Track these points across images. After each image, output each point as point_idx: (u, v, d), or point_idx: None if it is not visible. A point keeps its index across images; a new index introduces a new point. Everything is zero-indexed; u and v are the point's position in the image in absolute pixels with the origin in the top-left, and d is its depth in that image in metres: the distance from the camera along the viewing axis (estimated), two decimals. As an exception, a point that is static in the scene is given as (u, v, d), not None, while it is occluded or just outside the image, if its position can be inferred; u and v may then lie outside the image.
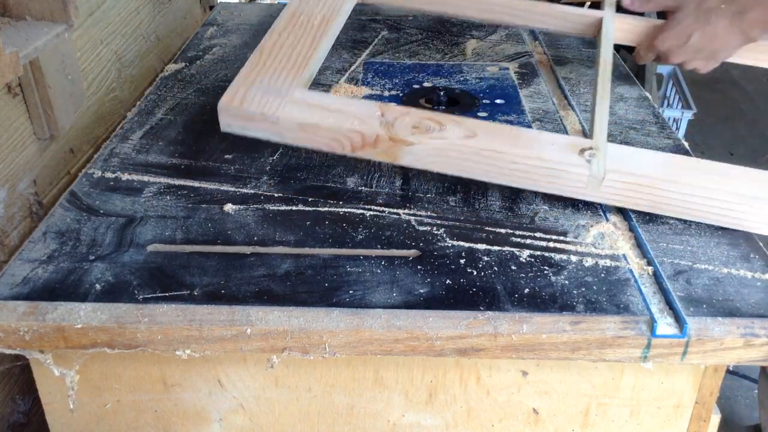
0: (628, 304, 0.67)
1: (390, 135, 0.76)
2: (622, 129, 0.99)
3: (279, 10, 1.52)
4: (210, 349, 0.66)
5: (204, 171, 0.90)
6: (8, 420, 0.84)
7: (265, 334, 0.65)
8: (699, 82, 2.84)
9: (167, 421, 0.75)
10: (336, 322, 0.65)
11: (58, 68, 0.92)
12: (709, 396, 0.73)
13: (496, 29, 1.41)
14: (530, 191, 0.84)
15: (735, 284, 0.70)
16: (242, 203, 0.83)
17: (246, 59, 0.85)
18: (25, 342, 0.66)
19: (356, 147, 0.78)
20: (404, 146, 0.76)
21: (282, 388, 0.73)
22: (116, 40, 1.17)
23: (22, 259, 0.73)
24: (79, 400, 0.73)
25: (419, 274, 0.71)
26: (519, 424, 0.75)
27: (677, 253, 0.74)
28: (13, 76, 0.79)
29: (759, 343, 0.65)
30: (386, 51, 1.30)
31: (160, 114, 1.05)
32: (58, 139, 0.97)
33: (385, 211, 0.81)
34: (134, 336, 0.65)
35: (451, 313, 0.66)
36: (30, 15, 0.90)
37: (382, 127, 0.77)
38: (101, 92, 1.11)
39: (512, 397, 0.73)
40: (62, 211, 0.81)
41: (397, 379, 0.72)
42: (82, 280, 0.70)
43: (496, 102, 1.09)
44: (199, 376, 0.72)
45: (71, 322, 0.65)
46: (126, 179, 0.88)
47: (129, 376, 0.72)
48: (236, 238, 0.76)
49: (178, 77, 1.18)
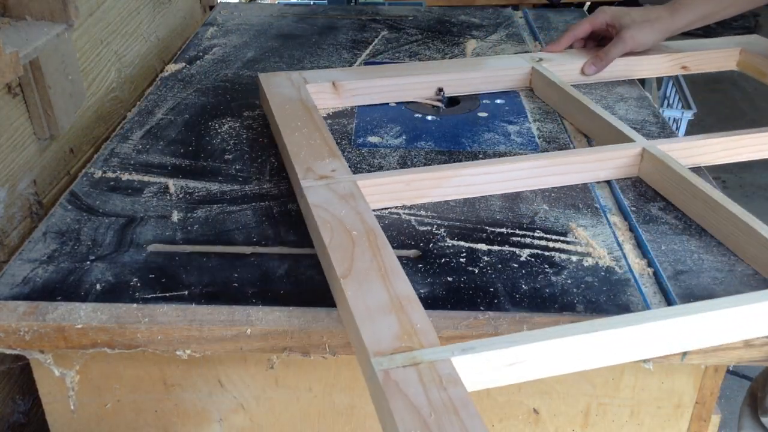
0: (628, 304, 0.67)
1: None
2: (622, 129, 0.99)
3: (279, 10, 1.53)
4: (210, 349, 0.66)
5: (204, 171, 0.90)
6: (8, 420, 0.84)
7: (265, 334, 0.65)
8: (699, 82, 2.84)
9: (167, 421, 0.75)
10: (336, 322, 0.65)
11: (58, 68, 0.92)
12: (709, 396, 0.73)
13: (497, 29, 1.41)
14: (530, 191, 0.84)
15: (735, 284, 0.70)
16: (242, 203, 0.83)
17: (246, 59, 0.84)
18: (25, 342, 0.66)
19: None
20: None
21: (282, 388, 0.73)
22: (116, 40, 1.17)
23: (22, 259, 0.73)
24: (79, 400, 0.73)
25: (419, 274, 0.71)
26: (519, 424, 0.75)
27: (677, 253, 0.74)
28: (13, 76, 0.79)
29: (759, 343, 0.65)
30: (386, 51, 1.30)
31: (160, 114, 1.05)
32: (58, 139, 0.97)
33: (385, 211, 0.81)
34: (134, 336, 0.65)
35: (451, 313, 0.66)
36: (30, 15, 0.90)
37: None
38: (101, 92, 1.11)
39: (512, 397, 0.73)
40: (62, 211, 0.81)
41: (398, 379, 0.72)
42: (83, 280, 0.70)
43: (497, 102, 1.08)
44: (199, 376, 0.72)
45: (71, 322, 0.65)
46: (126, 179, 0.88)
47: (129, 376, 0.72)
48: (236, 238, 0.76)
49: (178, 77, 1.18)
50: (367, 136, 0.98)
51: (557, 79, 1.05)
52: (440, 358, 0.55)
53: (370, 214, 0.72)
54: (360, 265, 0.65)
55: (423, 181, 0.81)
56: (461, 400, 0.52)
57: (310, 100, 0.98)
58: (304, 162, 0.82)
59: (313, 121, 0.91)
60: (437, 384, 0.53)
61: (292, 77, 1.05)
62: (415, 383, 0.53)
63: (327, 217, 0.72)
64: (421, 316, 0.60)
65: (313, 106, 0.96)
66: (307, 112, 0.94)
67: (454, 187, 0.82)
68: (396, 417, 0.50)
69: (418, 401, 0.51)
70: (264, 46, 1.32)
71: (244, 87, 1.14)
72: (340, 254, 0.66)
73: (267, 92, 1.00)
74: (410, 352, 0.56)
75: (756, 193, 2.61)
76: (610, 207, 0.82)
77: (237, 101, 1.09)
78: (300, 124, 0.90)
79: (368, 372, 0.56)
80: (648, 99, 1.09)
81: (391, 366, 0.54)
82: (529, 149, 0.94)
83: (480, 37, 1.36)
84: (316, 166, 0.81)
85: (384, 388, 0.52)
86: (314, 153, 0.84)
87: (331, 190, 0.76)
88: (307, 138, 0.87)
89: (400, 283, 0.63)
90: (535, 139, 0.97)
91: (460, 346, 0.56)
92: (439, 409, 0.51)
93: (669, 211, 0.81)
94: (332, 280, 0.66)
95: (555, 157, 0.85)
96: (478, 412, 0.51)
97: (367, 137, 0.97)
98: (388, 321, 0.59)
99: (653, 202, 0.83)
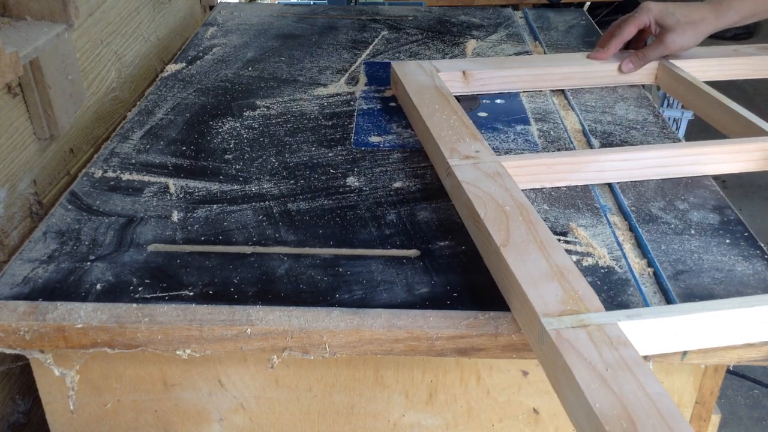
0: (628, 304, 0.67)
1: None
2: (623, 129, 1.00)
3: (279, 10, 1.53)
4: (210, 349, 0.66)
5: (204, 171, 0.90)
6: (8, 420, 0.84)
7: (265, 333, 0.65)
8: (699, 82, 2.83)
9: (167, 421, 0.75)
10: (336, 322, 0.65)
11: (58, 68, 0.92)
12: (709, 396, 0.73)
13: (497, 29, 1.41)
14: (530, 190, 0.84)
15: (735, 284, 0.70)
16: (242, 203, 0.83)
17: (246, 59, 0.84)
18: (25, 342, 0.66)
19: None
20: None
21: (282, 388, 0.73)
22: (116, 40, 1.17)
23: (22, 259, 0.73)
24: (79, 400, 0.73)
25: (419, 274, 0.71)
26: (519, 424, 0.75)
27: (677, 253, 0.74)
28: (13, 76, 0.79)
29: (759, 343, 0.65)
30: (386, 51, 1.30)
31: (160, 114, 1.05)
32: (58, 139, 0.97)
33: (385, 211, 0.81)
34: (134, 336, 0.65)
35: (451, 313, 0.66)
36: (30, 15, 0.90)
37: None
38: (101, 92, 1.11)
39: (512, 397, 0.73)
40: (62, 211, 0.81)
41: (398, 378, 0.72)
42: (83, 280, 0.70)
43: (497, 102, 1.09)
44: (199, 375, 0.72)
45: (71, 322, 0.65)
46: (126, 179, 0.88)
47: (129, 376, 0.72)
48: (236, 238, 0.76)
49: (178, 77, 1.18)
50: (368, 136, 0.98)
51: (687, 75, 1.07)
52: (608, 322, 0.58)
53: (519, 191, 0.76)
54: (517, 236, 0.68)
55: (564, 165, 0.84)
56: (634, 360, 0.54)
57: (445, 87, 1.03)
58: (448, 143, 0.86)
59: (451, 107, 0.96)
60: (608, 344, 0.55)
61: (423, 66, 1.10)
62: (586, 342, 0.55)
63: (479, 193, 0.75)
64: (582, 284, 0.62)
65: (448, 92, 1.01)
66: (443, 98, 0.99)
67: (594, 173, 0.85)
68: (574, 371, 0.52)
69: (592, 358, 0.53)
70: (264, 46, 1.32)
71: (244, 87, 1.14)
72: (496, 226, 0.70)
73: (402, 80, 1.05)
74: (577, 315, 0.58)
75: (756, 193, 2.61)
76: (610, 207, 0.82)
77: (237, 101, 1.09)
78: (438, 108, 0.95)
79: (538, 333, 0.58)
80: (648, 99, 1.09)
81: (561, 326, 0.57)
82: (529, 149, 0.94)
83: (480, 37, 1.36)
84: (460, 147, 0.85)
85: (558, 346, 0.55)
86: (456, 135, 0.88)
87: (478, 169, 0.80)
88: (446, 121, 0.92)
89: (557, 253, 0.66)
90: (535, 140, 0.97)
91: (625, 312, 0.60)
92: (614, 365, 0.53)
93: (669, 210, 0.81)
94: (489, 251, 0.69)
95: (691, 147, 0.87)
96: (652, 372, 0.53)
97: (368, 137, 0.98)
98: (552, 287, 0.62)
99: (653, 202, 0.83)
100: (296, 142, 0.97)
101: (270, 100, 1.09)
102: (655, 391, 0.51)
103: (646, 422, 0.48)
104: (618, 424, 0.48)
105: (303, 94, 1.12)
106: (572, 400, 0.53)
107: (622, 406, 0.50)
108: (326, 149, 0.95)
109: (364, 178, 0.88)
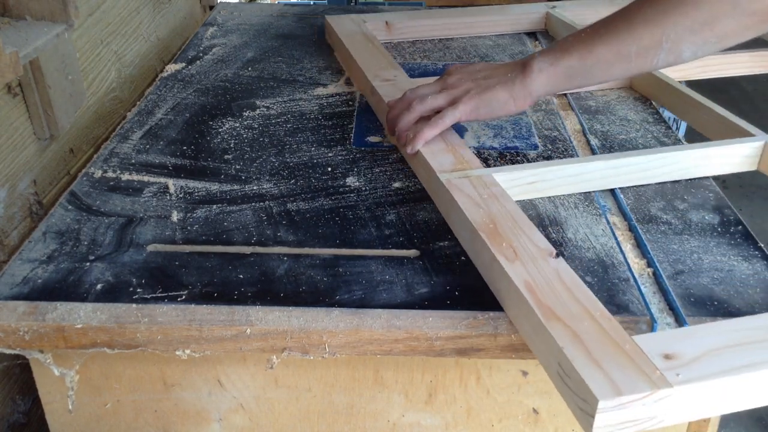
0: (628, 304, 0.67)
1: None
2: (623, 129, 1.00)
3: (279, 10, 1.53)
4: (210, 349, 0.66)
5: (204, 171, 0.90)
6: (8, 420, 0.84)
7: (265, 334, 0.65)
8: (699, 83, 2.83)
9: (167, 421, 0.75)
10: (336, 322, 0.65)
11: (58, 68, 0.92)
12: (708, 396, 0.73)
13: (496, 29, 1.41)
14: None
15: (735, 284, 0.70)
16: (242, 203, 0.83)
17: (246, 59, 0.85)
18: (25, 342, 0.66)
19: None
20: None
21: (282, 388, 0.73)
22: (116, 40, 1.17)
23: (22, 259, 0.73)
24: (78, 400, 0.73)
25: (419, 274, 0.71)
26: (519, 424, 0.75)
27: (677, 253, 0.74)
28: (13, 76, 0.79)
29: (759, 343, 0.65)
30: (386, 51, 1.30)
31: (160, 114, 1.05)
32: (58, 139, 0.97)
33: (385, 211, 0.81)
34: (134, 336, 0.65)
35: (451, 313, 0.66)
36: (30, 15, 0.90)
37: None
38: (101, 92, 1.11)
39: (512, 397, 0.73)
40: (62, 211, 0.81)
41: (397, 378, 0.72)
42: (82, 280, 0.70)
43: (496, 102, 1.08)
44: (199, 376, 0.72)
45: (71, 322, 0.65)
46: (126, 179, 0.88)
47: (129, 376, 0.72)
48: (236, 238, 0.76)
49: (178, 77, 1.18)
50: (367, 136, 0.98)
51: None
52: (484, 174, 0.80)
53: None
54: (441, 157, 0.85)
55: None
56: (501, 194, 0.76)
57: (371, 33, 1.26)
58: (372, 70, 1.08)
59: (374, 45, 1.20)
60: (483, 186, 0.78)
61: (352, 18, 1.34)
62: (468, 186, 0.78)
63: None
64: (468, 154, 0.85)
65: (373, 36, 1.24)
66: (367, 39, 1.22)
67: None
68: (459, 201, 0.75)
69: (471, 194, 0.76)
70: (264, 46, 1.32)
71: (244, 87, 1.14)
72: (432, 156, 0.85)
73: (336, 29, 1.27)
74: (463, 171, 0.81)
75: (756, 193, 2.61)
76: (609, 207, 0.82)
77: (237, 101, 1.09)
78: (363, 47, 1.18)
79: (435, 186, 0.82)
80: (648, 99, 1.09)
81: (452, 177, 0.79)
82: (529, 149, 0.94)
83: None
84: (382, 73, 1.08)
85: (448, 188, 0.77)
86: (378, 65, 1.11)
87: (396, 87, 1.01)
88: (371, 55, 1.15)
89: (464, 151, 0.86)
90: (535, 139, 0.97)
91: (498, 168, 0.82)
92: (486, 198, 0.76)
93: (668, 210, 0.81)
94: (420, 171, 0.87)
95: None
96: (512, 199, 0.75)
97: (368, 137, 0.98)
98: (448, 157, 0.84)
99: (653, 202, 0.83)
100: (296, 142, 0.97)
101: (270, 100, 1.09)
102: (512, 208, 0.73)
103: (504, 224, 0.71)
104: (486, 227, 0.70)
105: (303, 94, 1.12)
106: (457, 220, 0.75)
107: (489, 217, 0.72)
108: (326, 149, 0.95)
109: (363, 178, 0.88)
